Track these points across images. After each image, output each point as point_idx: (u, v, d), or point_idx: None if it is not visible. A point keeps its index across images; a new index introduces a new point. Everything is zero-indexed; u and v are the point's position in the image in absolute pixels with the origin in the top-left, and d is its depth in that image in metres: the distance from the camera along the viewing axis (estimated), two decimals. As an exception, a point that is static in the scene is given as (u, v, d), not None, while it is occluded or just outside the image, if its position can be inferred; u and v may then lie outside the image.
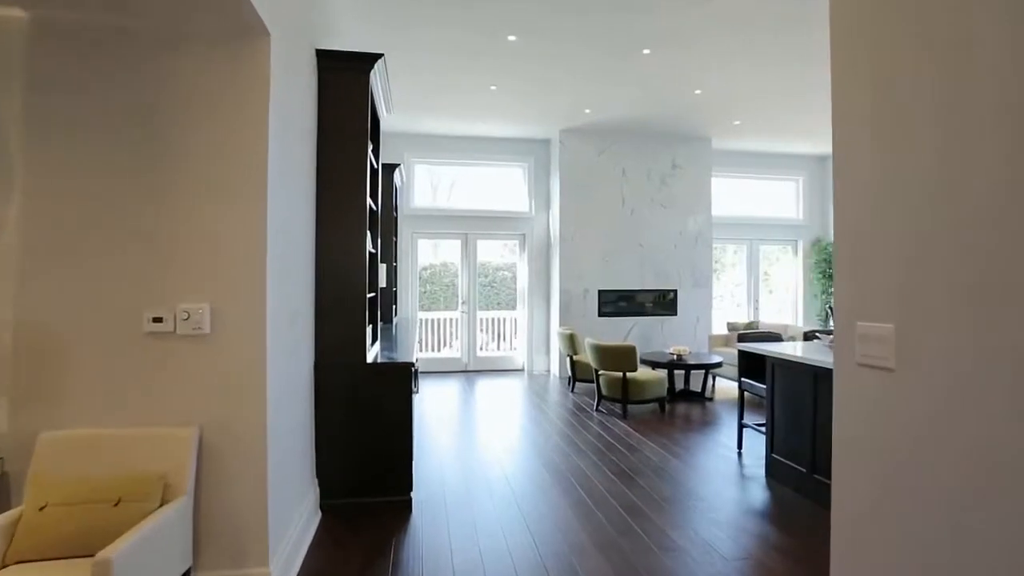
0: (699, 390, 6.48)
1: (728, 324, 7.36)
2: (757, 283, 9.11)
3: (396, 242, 6.77)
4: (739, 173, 8.95)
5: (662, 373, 5.82)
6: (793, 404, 3.73)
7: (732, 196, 8.95)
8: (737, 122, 7.25)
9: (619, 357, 5.49)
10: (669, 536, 3.00)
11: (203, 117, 2.08)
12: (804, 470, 3.61)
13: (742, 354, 4.43)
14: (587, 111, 6.81)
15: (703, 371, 6.26)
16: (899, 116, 1.30)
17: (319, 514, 3.09)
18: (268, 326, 2.12)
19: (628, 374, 5.53)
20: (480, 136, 8.01)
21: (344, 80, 3.18)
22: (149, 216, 2.06)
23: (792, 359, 3.69)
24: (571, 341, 6.58)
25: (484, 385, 7.31)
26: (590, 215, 7.77)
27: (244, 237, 2.09)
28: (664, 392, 5.70)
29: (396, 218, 6.60)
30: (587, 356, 5.96)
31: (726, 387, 7.01)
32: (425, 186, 8.23)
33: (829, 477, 3.56)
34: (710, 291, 8.16)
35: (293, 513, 2.58)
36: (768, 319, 9.01)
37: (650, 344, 7.89)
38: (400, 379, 3.25)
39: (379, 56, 3.28)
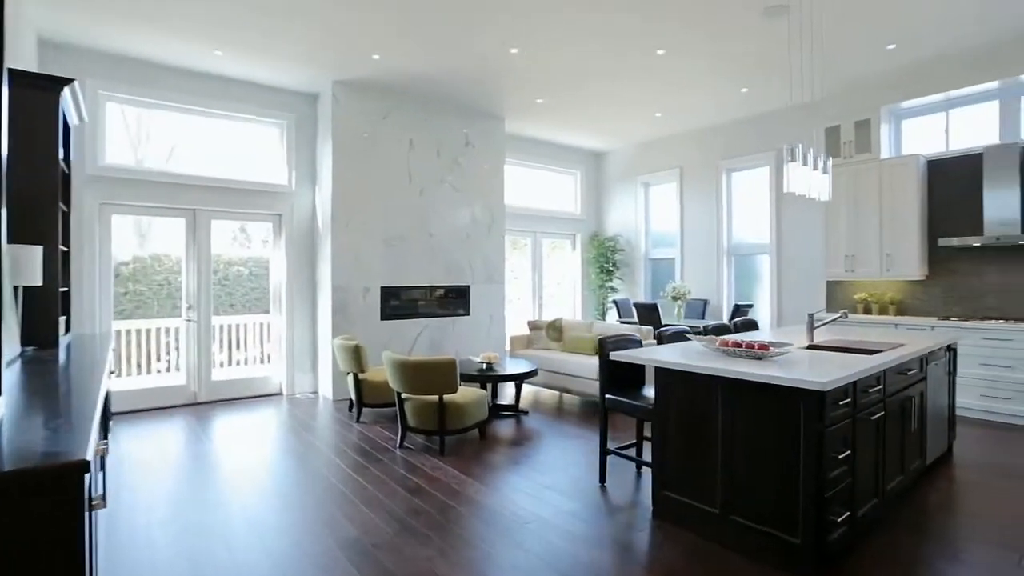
0: (512, 403, 5.47)
1: (530, 323, 6.56)
2: (541, 277, 8.61)
3: (67, 214, 4.14)
4: (526, 161, 8.31)
5: (481, 390, 4.61)
6: (696, 428, 2.87)
7: (517, 185, 8.26)
8: (540, 100, 6.45)
9: (435, 376, 4.08)
10: None
11: None
12: (715, 511, 2.77)
13: (607, 363, 3.47)
14: (376, 56, 5.18)
15: (517, 382, 5.23)
16: None
17: None
18: None
19: (446, 397, 4.16)
20: (219, 75, 5.67)
21: None
22: None
23: (700, 371, 2.81)
24: (356, 356, 4.90)
25: (226, 423, 5.09)
26: (371, 194, 6.14)
27: None
28: (486, 413, 4.50)
29: (68, 176, 4.00)
30: (386, 375, 4.40)
31: (525, 393, 6.17)
32: (127, 136, 5.50)
33: (753, 519, 2.02)
34: (503, 286, 7.28)
35: None
36: (551, 314, 8.59)
37: (442, 350, 6.64)
38: (51, 509, 1.31)
39: None
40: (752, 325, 4.91)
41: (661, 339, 3.95)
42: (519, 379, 5.04)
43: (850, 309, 6.17)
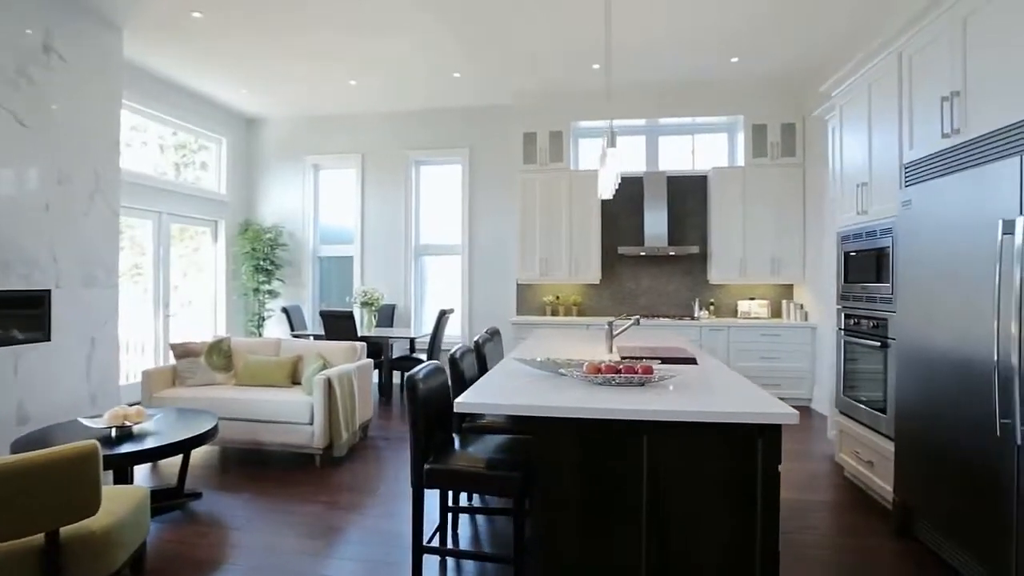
0: (172, 485, 3.25)
1: (176, 348, 4.17)
2: (168, 277, 5.92)
3: None
4: (151, 109, 5.55)
5: (135, 488, 2.44)
6: (608, 494, 1.90)
7: (133, 140, 5.45)
8: (198, 14, 4.19)
9: (42, 492, 1.81)
10: None
11: None
12: (641, 622, 1.87)
13: (424, 414, 2.13)
14: None
15: (188, 450, 3.07)
16: None
17: None
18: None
19: (67, 530, 1.93)
20: None
21: None
22: None
23: (620, 416, 1.84)
24: None
25: None
26: None
27: None
28: (147, 529, 2.37)
29: None
30: None
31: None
32: None
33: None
34: (116, 292, 4.54)
35: None
36: (181, 330, 6.02)
37: (-7, 407, 3.61)
38: None
39: None
40: (497, 333, 4.25)
41: (455, 362, 2.81)
42: (193, 446, 2.96)
43: (539, 311, 6.27)
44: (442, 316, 5.74)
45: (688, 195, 6.02)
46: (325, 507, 3.13)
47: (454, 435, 2.53)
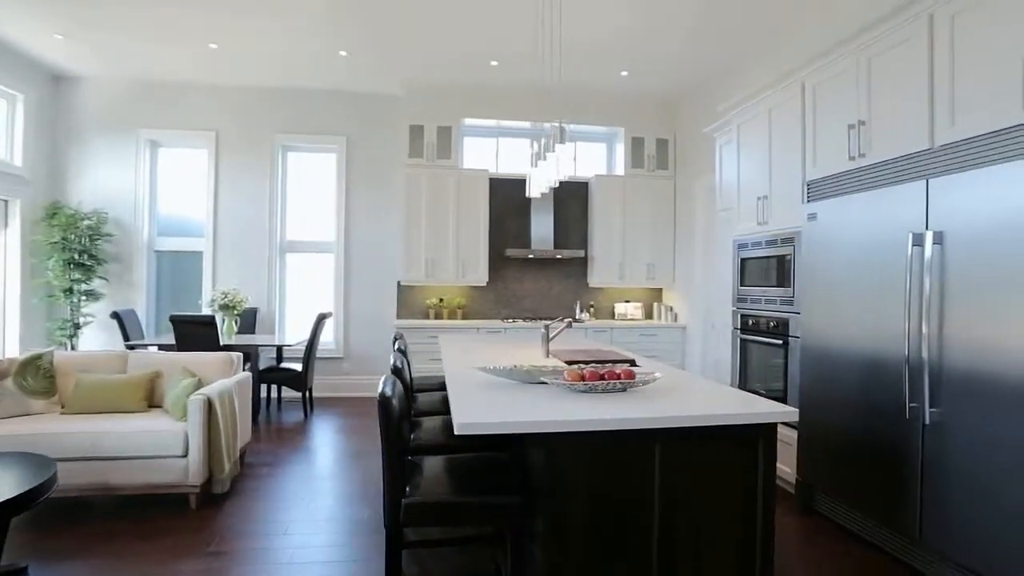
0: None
1: (-35, 368, 3.02)
2: (-71, 276, 4.37)
3: None
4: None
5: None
6: (618, 514, 1.76)
7: None
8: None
9: None
10: None
11: None
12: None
13: (398, 443, 1.79)
14: None
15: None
16: None
17: None
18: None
19: None
20: None
21: None
22: None
23: (633, 425, 1.71)
24: None
25: None
26: None
27: None
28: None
29: None
30: None
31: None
32: None
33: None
34: None
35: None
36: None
37: None
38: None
39: None
40: (403, 338, 3.87)
41: (399, 371, 2.44)
42: (20, 509, 2.14)
43: (422, 314, 5.92)
44: (320, 321, 5.10)
45: (572, 200, 6.19)
46: (213, 561, 2.51)
47: (410, 457, 2.18)
